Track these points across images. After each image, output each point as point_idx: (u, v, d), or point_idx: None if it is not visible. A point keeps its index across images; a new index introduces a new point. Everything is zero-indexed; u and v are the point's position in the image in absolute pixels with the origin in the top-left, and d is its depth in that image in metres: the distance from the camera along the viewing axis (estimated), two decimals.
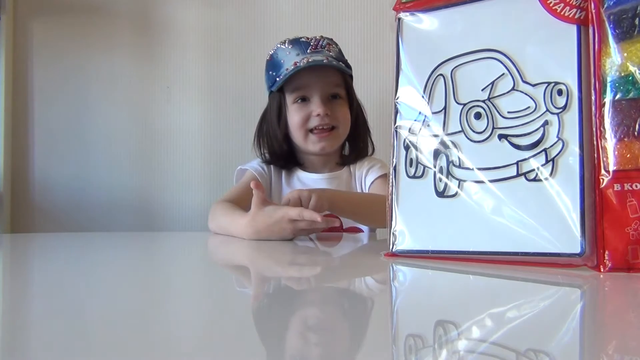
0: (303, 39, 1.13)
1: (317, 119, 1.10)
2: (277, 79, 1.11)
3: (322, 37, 1.15)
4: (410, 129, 0.63)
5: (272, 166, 1.19)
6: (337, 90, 1.13)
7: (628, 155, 0.49)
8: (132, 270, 0.63)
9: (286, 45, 1.13)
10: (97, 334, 0.31)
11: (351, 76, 1.18)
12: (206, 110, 1.68)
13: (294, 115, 1.12)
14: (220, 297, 0.45)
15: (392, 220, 0.62)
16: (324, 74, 1.10)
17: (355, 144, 1.20)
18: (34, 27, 1.70)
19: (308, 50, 1.10)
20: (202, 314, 0.38)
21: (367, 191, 1.15)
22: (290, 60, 1.09)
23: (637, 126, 0.49)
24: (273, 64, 1.14)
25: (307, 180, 1.17)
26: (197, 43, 1.67)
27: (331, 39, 1.17)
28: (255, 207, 0.88)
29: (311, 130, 1.12)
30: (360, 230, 1.14)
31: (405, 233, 0.61)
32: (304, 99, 1.11)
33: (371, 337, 0.32)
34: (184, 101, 1.68)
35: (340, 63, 1.11)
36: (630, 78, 0.50)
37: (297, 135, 1.13)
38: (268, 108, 1.19)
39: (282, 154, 1.17)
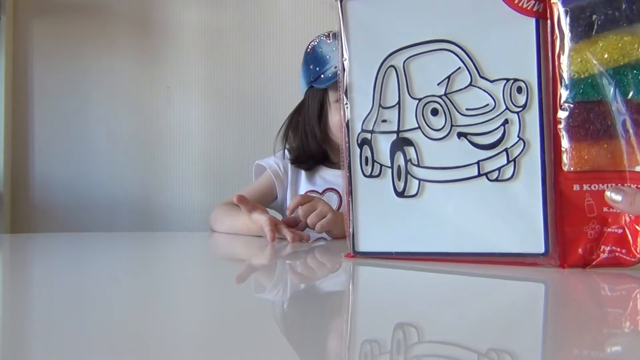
0: None
1: None
2: (322, 75, 1.06)
3: None
4: (363, 124, 0.59)
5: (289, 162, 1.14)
6: None
7: (586, 157, 0.49)
8: (132, 270, 0.63)
9: (331, 40, 1.07)
10: (97, 334, 0.31)
11: None
12: (206, 111, 1.68)
13: (336, 115, 1.05)
14: (216, 296, 0.45)
15: (351, 220, 0.60)
16: None
17: None
18: (34, 27, 1.69)
19: None
20: (200, 314, 0.38)
21: None
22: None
23: (594, 128, 0.49)
24: (316, 58, 1.08)
25: (329, 176, 1.14)
26: (197, 43, 1.67)
27: None
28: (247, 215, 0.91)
29: None
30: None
31: (365, 234, 0.59)
32: None
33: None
34: (184, 101, 1.67)
35: None
36: (589, 80, 0.49)
37: (339, 134, 1.08)
38: (306, 104, 1.13)
39: (315, 152, 1.12)
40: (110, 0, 1.69)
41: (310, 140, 1.12)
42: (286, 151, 1.16)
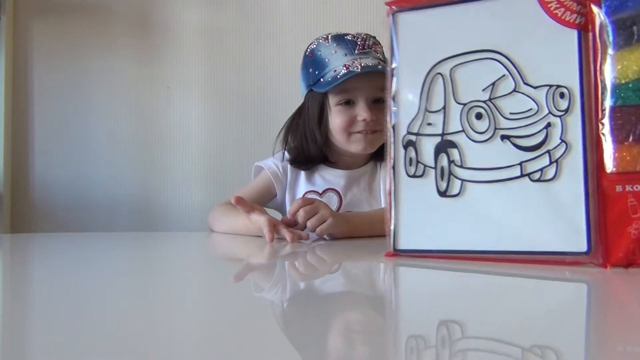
0: (348, 37, 1.07)
1: (362, 124, 1.04)
2: (322, 79, 1.05)
3: (367, 35, 1.08)
4: (408, 127, 0.63)
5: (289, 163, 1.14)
6: (382, 94, 1.06)
7: (628, 158, 0.51)
8: (132, 270, 0.63)
9: (330, 42, 1.06)
10: (97, 334, 0.31)
11: None
12: (206, 111, 1.68)
13: (336, 118, 1.06)
14: (217, 296, 0.45)
15: (392, 219, 0.62)
16: (372, 77, 1.02)
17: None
18: (34, 27, 1.70)
19: (356, 51, 1.04)
20: (200, 314, 0.38)
21: None
22: (338, 61, 1.03)
23: (636, 131, 0.51)
24: (315, 62, 1.07)
25: (329, 176, 1.13)
26: (197, 43, 1.67)
27: (375, 38, 1.09)
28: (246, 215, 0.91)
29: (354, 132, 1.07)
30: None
31: (407, 232, 0.61)
32: (348, 102, 1.06)
33: (371, 339, 0.31)
34: (184, 101, 1.68)
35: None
36: (630, 85, 0.52)
37: (339, 137, 1.08)
38: (306, 107, 1.12)
39: (315, 155, 1.11)
40: (110, 0, 1.69)
41: (310, 143, 1.11)
42: (285, 152, 1.16)
